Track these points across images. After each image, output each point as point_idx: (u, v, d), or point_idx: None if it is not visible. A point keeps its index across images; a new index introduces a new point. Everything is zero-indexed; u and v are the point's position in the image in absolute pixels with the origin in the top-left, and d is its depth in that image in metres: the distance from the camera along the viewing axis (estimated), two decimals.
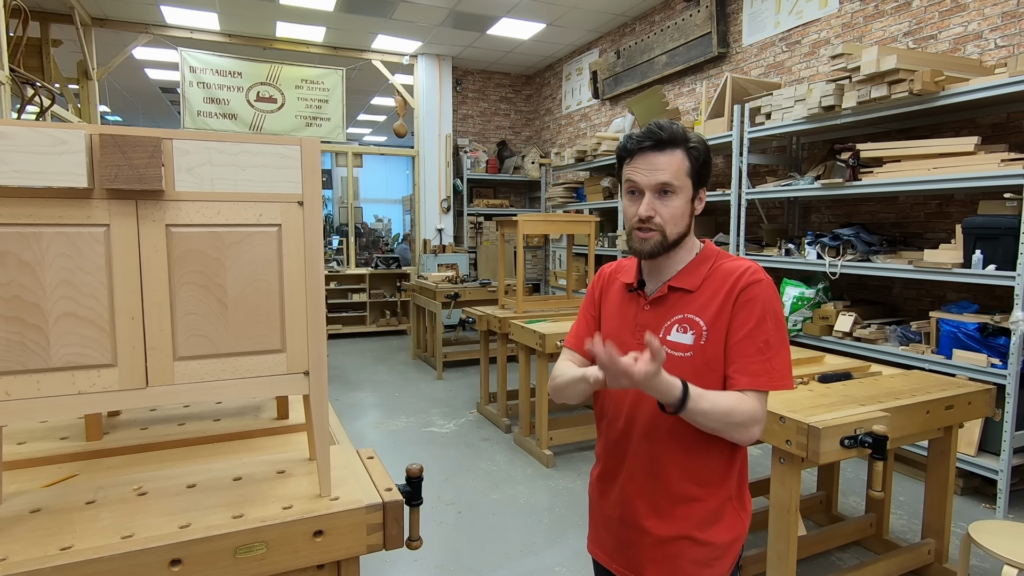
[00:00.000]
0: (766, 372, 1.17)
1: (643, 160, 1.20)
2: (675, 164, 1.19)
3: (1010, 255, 2.97)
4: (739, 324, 1.18)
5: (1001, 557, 1.84)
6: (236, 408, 1.60)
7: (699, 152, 1.21)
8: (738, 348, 1.18)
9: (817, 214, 4.72)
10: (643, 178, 1.20)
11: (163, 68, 8.55)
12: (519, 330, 3.86)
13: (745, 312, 1.18)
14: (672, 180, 1.18)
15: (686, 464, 1.22)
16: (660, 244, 1.21)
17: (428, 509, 3.10)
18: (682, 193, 1.20)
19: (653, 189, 1.19)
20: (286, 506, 1.05)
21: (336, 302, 7.92)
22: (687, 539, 1.22)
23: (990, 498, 3.17)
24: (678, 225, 1.21)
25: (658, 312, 1.26)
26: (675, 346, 1.21)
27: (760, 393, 1.17)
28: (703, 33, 5.63)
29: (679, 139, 1.19)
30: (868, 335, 3.72)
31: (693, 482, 1.23)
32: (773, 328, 1.18)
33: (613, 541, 1.32)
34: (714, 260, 1.26)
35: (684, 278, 1.25)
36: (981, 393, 2.32)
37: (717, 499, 1.24)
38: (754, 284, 1.19)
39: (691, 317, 1.21)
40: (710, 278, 1.23)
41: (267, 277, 1.06)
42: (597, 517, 1.38)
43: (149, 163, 0.94)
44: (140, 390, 0.99)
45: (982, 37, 3.62)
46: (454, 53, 8.03)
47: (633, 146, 1.22)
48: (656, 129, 1.20)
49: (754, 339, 1.17)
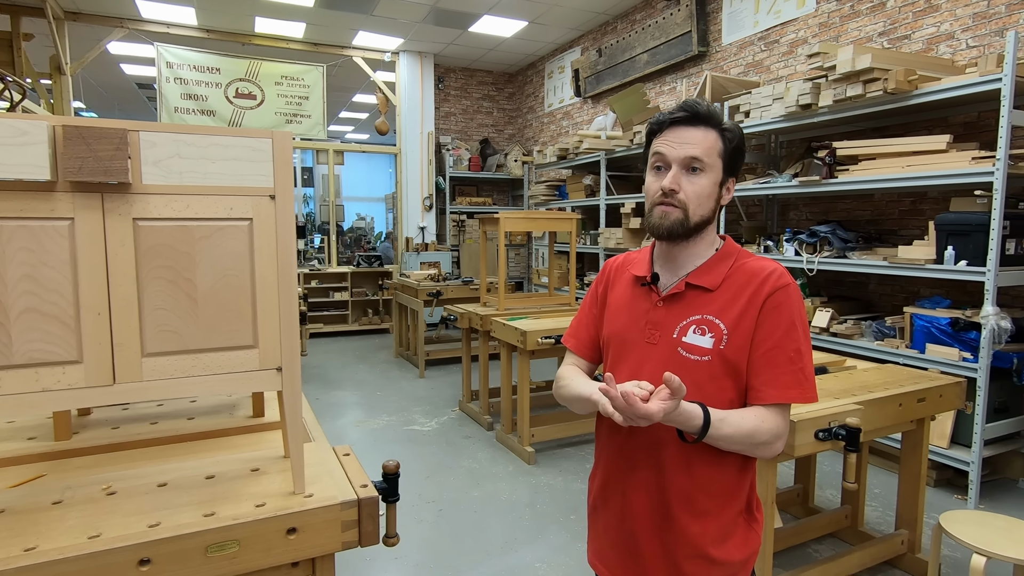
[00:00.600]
0: (798, 384, 1.10)
1: (674, 133, 1.13)
2: (708, 141, 1.12)
3: (981, 251, 3.03)
4: (767, 332, 1.10)
5: (971, 546, 1.87)
6: (210, 406, 1.57)
7: (734, 136, 1.14)
8: (767, 358, 1.10)
9: (795, 211, 4.78)
10: (671, 150, 1.12)
11: (139, 63, 8.40)
12: (501, 327, 3.85)
13: (773, 319, 1.10)
14: (702, 156, 1.11)
15: (696, 476, 1.14)
16: (681, 223, 1.13)
17: (409, 507, 3.09)
18: (711, 173, 1.13)
19: (681, 163, 1.12)
20: (259, 503, 1.03)
21: (317, 301, 7.85)
22: (701, 557, 1.14)
23: (962, 489, 3.24)
24: (703, 207, 1.13)
25: (673, 310, 1.17)
26: (692, 349, 1.13)
27: (786, 405, 1.12)
28: (683, 32, 5.67)
29: (715, 119, 1.13)
30: (844, 330, 3.77)
31: (704, 495, 1.14)
32: (803, 336, 1.12)
33: (617, 556, 1.23)
34: (735, 258, 1.18)
35: (703, 275, 1.16)
36: (952, 386, 2.37)
37: (730, 512, 1.16)
38: (781, 289, 1.11)
39: (710, 319, 1.13)
40: (731, 278, 1.15)
41: (238, 272, 1.04)
42: (599, 529, 1.29)
43: (115, 155, 0.92)
44: (107, 387, 0.97)
45: (954, 37, 3.69)
46: (436, 50, 8.00)
47: (666, 118, 1.15)
48: (694, 103, 1.13)
49: (784, 348, 1.10)
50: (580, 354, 1.35)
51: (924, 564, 2.41)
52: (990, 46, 3.50)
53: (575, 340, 1.36)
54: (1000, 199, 2.92)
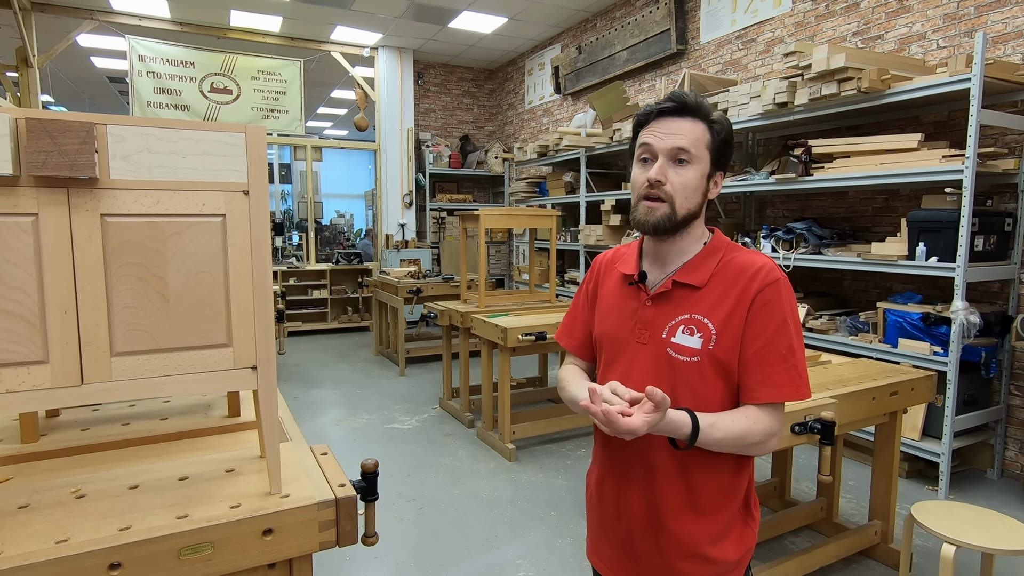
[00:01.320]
0: (791, 381, 1.08)
1: (661, 124, 1.11)
2: (696, 133, 1.10)
3: (951, 247, 3.10)
4: (758, 330, 1.08)
5: (941, 536, 1.92)
6: (185, 406, 1.55)
7: (722, 129, 1.12)
8: (759, 357, 1.08)
9: (772, 209, 4.84)
10: (658, 141, 1.10)
11: (110, 56, 8.21)
12: (481, 324, 3.85)
13: (764, 317, 1.08)
14: (689, 147, 1.09)
15: (692, 480, 1.13)
16: (668, 218, 1.10)
17: (389, 506, 3.07)
18: (698, 165, 1.10)
19: (668, 154, 1.10)
20: (234, 505, 1.02)
21: (296, 299, 7.76)
22: (697, 556, 1.13)
23: (932, 480, 3.32)
24: (690, 200, 1.11)
25: (661, 309, 1.15)
26: (681, 349, 1.11)
27: (780, 404, 1.10)
28: (662, 30, 5.70)
29: (704, 110, 1.11)
30: (820, 326, 3.83)
31: (701, 493, 1.13)
32: (795, 332, 1.10)
33: (615, 552, 1.23)
34: (724, 252, 1.16)
35: (691, 272, 1.14)
36: (924, 380, 2.42)
37: (727, 511, 1.15)
38: (771, 285, 1.09)
39: (699, 318, 1.11)
40: (720, 274, 1.13)
41: (211, 269, 1.02)
42: (596, 525, 1.28)
43: (81, 149, 0.89)
44: (75, 387, 0.95)
45: (925, 38, 3.76)
46: (415, 46, 7.94)
47: (653, 109, 1.13)
48: (682, 94, 1.11)
49: (777, 346, 1.08)
50: (577, 354, 1.34)
51: (896, 554, 2.47)
52: (960, 47, 3.58)
53: (570, 340, 1.34)
54: (969, 196, 2.98)
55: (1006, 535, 1.90)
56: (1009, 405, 3.41)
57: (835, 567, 2.51)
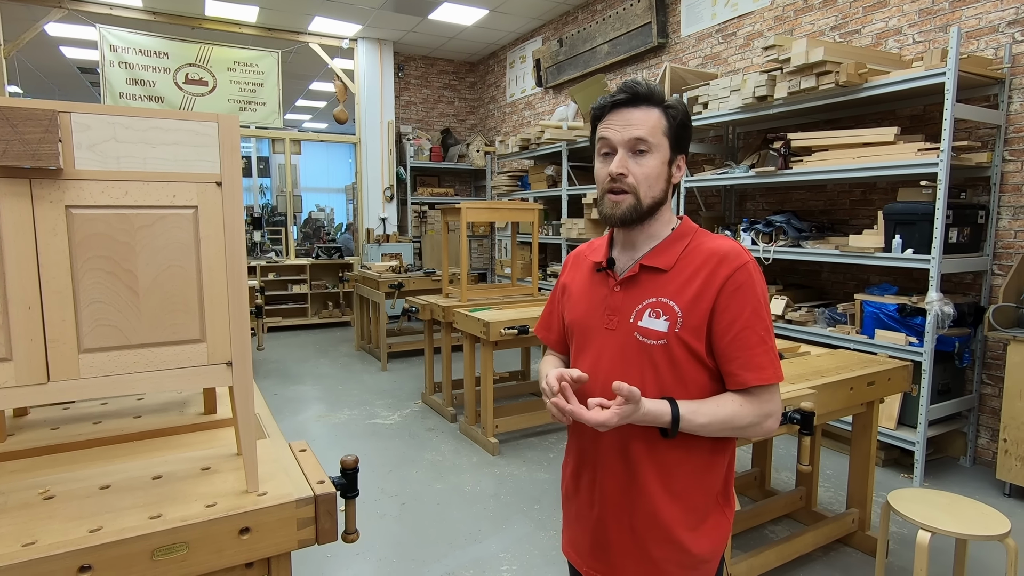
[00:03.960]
0: (771, 363, 1.09)
1: (617, 116, 1.11)
2: (651, 121, 1.10)
3: (926, 239, 3.15)
4: (734, 315, 1.08)
5: (917, 523, 1.95)
6: (159, 403, 1.51)
7: (677, 113, 1.12)
8: (739, 341, 1.08)
9: (752, 202, 4.88)
10: (615, 133, 1.11)
11: (81, 46, 7.99)
12: (463, 319, 3.83)
13: (738, 301, 1.08)
14: (647, 136, 1.09)
15: (667, 460, 1.12)
16: (633, 208, 1.11)
17: (371, 501, 3.05)
18: (658, 152, 1.11)
19: (626, 146, 1.10)
20: (210, 504, 0.99)
21: (275, 294, 7.67)
22: (671, 543, 1.13)
23: (908, 468, 3.38)
24: (653, 188, 1.12)
25: (629, 294, 1.15)
26: (647, 333, 1.11)
27: (766, 386, 1.10)
28: (643, 23, 5.71)
29: (657, 97, 1.11)
30: (799, 317, 3.88)
31: (676, 479, 1.13)
32: (767, 314, 1.10)
33: (589, 543, 1.22)
34: (691, 237, 1.16)
35: (657, 256, 1.14)
36: (900, 370, 2.46)
37: (703, 497, 1.14)
38: (740, 269, 1.09)
39: (665, 301, 1.11)
40: (686, 257, 1.13)
41: (183, 262, 0.99)
42: (572, 516, 1.28)
43: (43, 138, 0.86)
44: (40, 385, 0.92)
45: (901, 32, 3.81)
46: (395, 38, 7.85)
47: (607, 101, 1.13)
48: (633, 84, 1.11)
49: (755, 329, 1.08)
50: (556, 349, 1.35)
51: (873, 541, 2.51)
52: (935, 41, 3.63)
53: (548, 334, 1.35)
54: (944, 189, 3.03)
55: (979, 521, 1.94)
56: (981, 394, 3.48)
57: (814, 555, 2.55)
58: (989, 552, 2.56)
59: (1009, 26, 3.28)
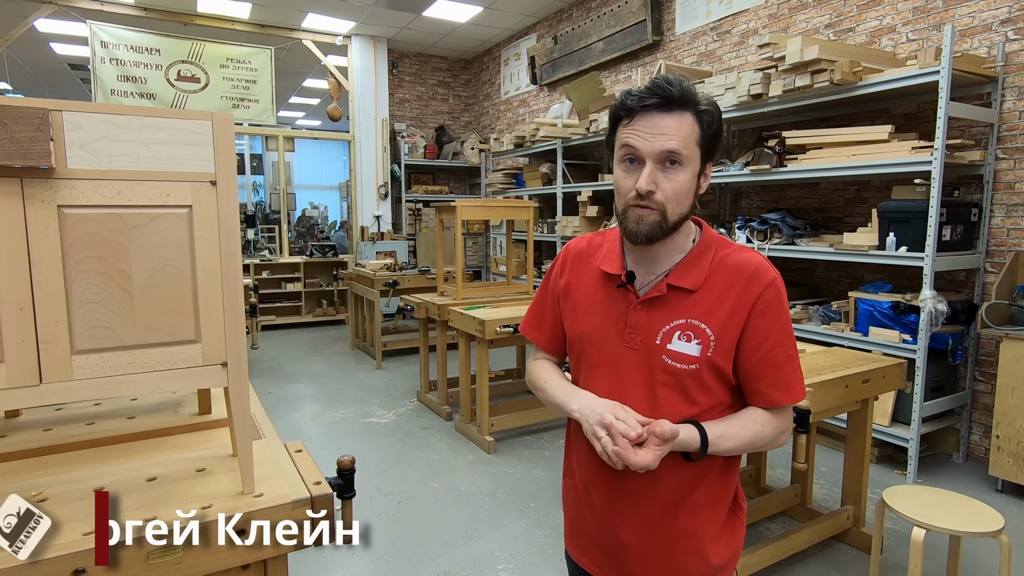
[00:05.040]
0: (799, 382, 1.07)
1: (646, 121, 0.99)
2: (685, 129, 0.98)
3: (920, 237, 3.16)
4: (764, 334, 1.04)
5: (911, 519, 1.96)
6: (153, 404, 1.50)
7: (711, 118, 1.01)
8: (768, 360, 1.04)
9: (747, 200, 4.89)
10: (645, 143, 0.98)
11: (71, 43, 7.92)
12: (459, 317, 3.82)
13: (769, 320, 1.03)
14: (681, 149, 0.98)
15: (692, 475, 1.08)
16: (659, 226, 1.02)
17: (367, 501, 3.04)
18: (689, 166, 1.00)
19: (657, 158, 0.99)
20: (205, 506, 0.98)
21: (269, 292, 7.63)
22: (695, 554, 1.09)
23: (901, 465, 3.40)
24: (681, 204, 1.02)
25: (654, 314, 1.07)
26: (678, 357, 1.04)
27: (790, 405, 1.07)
28: (638, 20, 5.70)
29: (690, 100, 0.99)
30: (793, 315, 3.89)
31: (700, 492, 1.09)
32: (792, 330, 1.08)
33: (604, 556, 1.16)
34: (715, 250, 1.09)
35: (684, 275, 1.06)
36: (894, 367, 2.47)
37: (722, 507, 1.12)
38: (770, 286, 1.04)
39: (696, 324, 1.04)
40: (714, 275, 1.06)
41: (177, 263, 0.98)
42: (578, 524, 1.21)
43: (35, 137, 0.85)
44: (33, 387, 0.90)
45: (895, 31, 3.82)
46: (389, 35, 7.82)
47: (635, 103, 0.99)
48: (665, 84, 0.98)
49: (784, 348, 1.05)
50: (546, 350, 1.27)
51: (868, 538, 2.52)
52: (929, 40, 3.64)
53: (538, 334, 1.26)
54: (937, 187, 3.04)
55: (973, 518, 1.96)
56: (974, 391, 3.51)
57: (809, 552, 2.56)
58: (983, 548, 2.58)
59: (1002, 24, 3.30)
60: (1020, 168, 3.28)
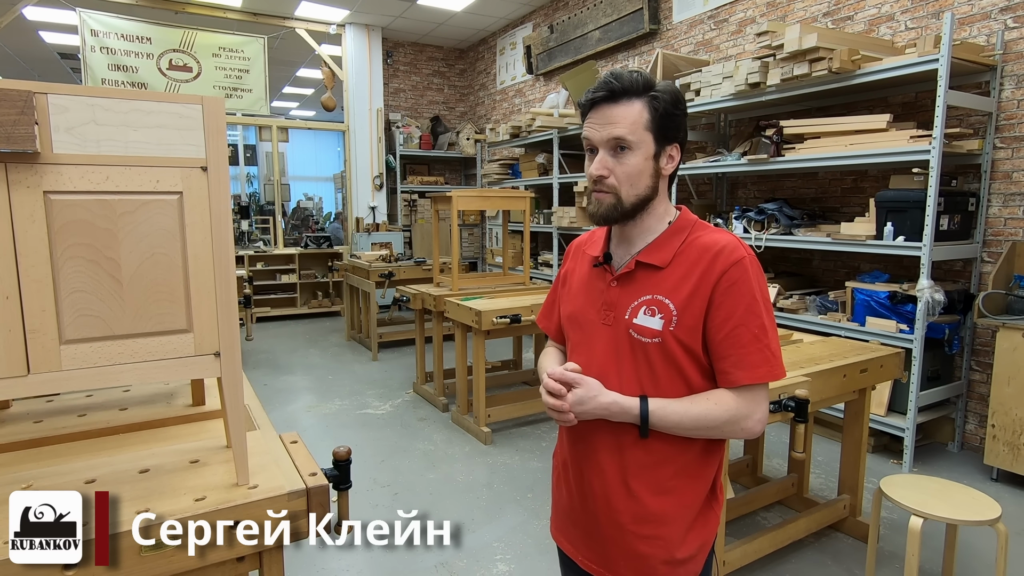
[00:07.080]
0: (765, 362, 1.05)
1: (597, 113, 1.08)
2: (631, 116, 1.05)
3: (917, 227, 3.16)
4: (728, 312, 1.05)
5: (909, 508, 1.96)
6: (146, 395, 1.48)
7: (663, 103, 1.06)
8: (732, 339, 1.05)
9: (744, 190, 4.87)
10: (596, 133, 1.08)
11: (61, 31, 7.81)
12: (455, 308, 3.80)
13: (733, 298, 1.05)
14: (626, 134, 1.05)
15: (657, 458, 1.10)
16: (614, 208, 1.09)
17: (363, 492, 3.03)
18: (639, 149, 1.07)
19: (606, 145, 1.07)
20: (199, 498, 0.97)
21: (264, 284, 7.59)
22: (657, 540, 1.11)
23: (897, 454, 3.41)
24: (636, 187, 1.08)
25: (626, 290, 1.13)
26: (642, 331, 1.09)
27: (757, 386, 1.07)
28: (635, 9, 5.65)
29: (638, 88, 1.05)
30: (790, 305, 3.89)
31: (665, 477, 1.11)
32: (765, 310, 1.07)
33: (581, 535, 1.21)
34: (689, 232, 1.13)
35: (653, 252, 1.12)
36: (891, 357, 2.46)
37: (692, 496, 1.13)
38: (736, 265, 1.06)
39: (659, 299, 1.08)
40: (683, 253, 1.10)
41: (168, 250, 0.96)
42: (563, 507, 1.26)
43: (18, 120, 0.82)
44: (20, 378, 0.88)
45: (894, 19, 3.79)
46: (384, 23, 7.74)
47: (587, 98, 1.09)
48: (611, 79, 1.06)
49: (748, 326, 1.05)
50: (555, 339, 1.35)
51: (865, 527, 2.53)
52: (927, 28, 3.61)
53: (548, 323, 1.35)
54: (936, 177, 3.03)
55: (970, 506, 1.96)
56: (970, 380, 3.51)
57: (806, 541, 2.56)
58: (979, 537, 2.59)
59: (1001, 12, 3.28)
60: (1018, 157, 3.27)
